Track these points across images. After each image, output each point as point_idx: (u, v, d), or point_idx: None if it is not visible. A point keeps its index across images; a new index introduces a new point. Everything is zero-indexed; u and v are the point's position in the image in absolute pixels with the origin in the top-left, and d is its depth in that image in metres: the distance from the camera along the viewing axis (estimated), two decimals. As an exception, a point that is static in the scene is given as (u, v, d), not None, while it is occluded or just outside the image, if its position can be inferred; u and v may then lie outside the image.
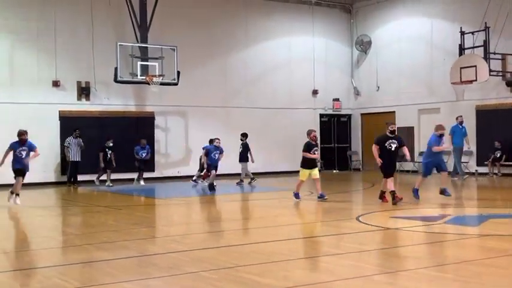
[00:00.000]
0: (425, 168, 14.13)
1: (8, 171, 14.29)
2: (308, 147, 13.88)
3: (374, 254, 8.13)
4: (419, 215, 11.81)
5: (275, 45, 24.78)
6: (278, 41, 24.85)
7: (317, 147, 14.07)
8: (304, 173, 13.96)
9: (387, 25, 25.22)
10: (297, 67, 25.15)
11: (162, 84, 20.13)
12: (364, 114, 26.32)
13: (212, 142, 18.00)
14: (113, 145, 19.45)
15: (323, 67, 25.79)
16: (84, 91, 20.88)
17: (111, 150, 19.37)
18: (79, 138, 19.51)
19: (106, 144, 19.36)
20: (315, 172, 13.94)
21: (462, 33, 20.48)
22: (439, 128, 14.01)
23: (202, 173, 19.24)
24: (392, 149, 13.12)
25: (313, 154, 13.83)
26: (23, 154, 13.85)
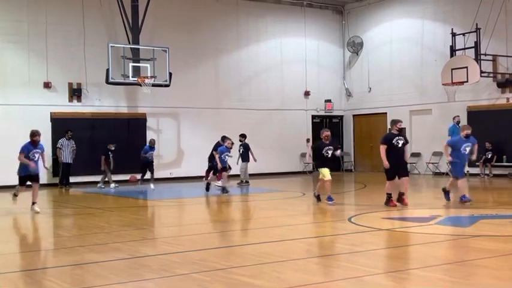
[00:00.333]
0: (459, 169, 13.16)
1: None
2: (319, 147, 13.53)
3: (366, 255, 8.14)
4: (410, 216, 11.84)
5: (267, 46, 24.81)
6: (270, 42, 24.88)
7: (331, 146, 13.54)
8: (325, 171, 13.37)
9: (379, 26, 25.30)
10: (289, 68, 25.19)
11: (154, 85, 20.10)
12: (356, 115, 26.39)
13: (224, 140, 16.95)
14: (114, 149, 19.30)
15: (315, 68, 25.84)
16: (75, 92, 20.83)
17: (112, 154, 19.22)
18: (71, 139, 19.46)
19: (108, 147, 19.20)
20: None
21: (453, 34, 20.58)
22: (465, 128, 13.14)
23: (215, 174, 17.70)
24: (399, 145, 12.65)
25: (325, 154, 13.38)
26: (36, 157, 12.76)
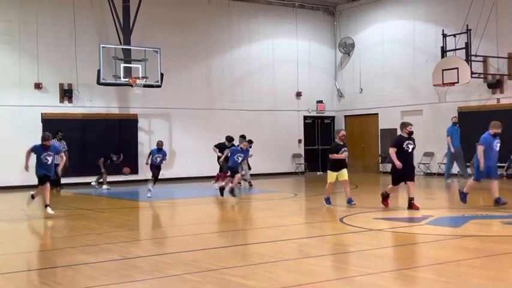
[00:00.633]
0: (480, 171, 12.46)
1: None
2: (336, 148, 13.19)
3: (357, 255, 8.17)
4: (401, 217, 11.88)
5: (259, 47, 24.80)
6: (262, 43, 24.88)
7: (346, 147, 13.24)
8: (331, 175, 13.15)
9: (370, 27, 25.36)
10: (281, 69, 25.20)
11: (146, 86, 20.04)
12: (347, 116, 26.44)
13: (231, 140, 16.25)
14: (116, 159, 19.13)
15: (307, 69, 25.87)
16: (66, 93, 20.75)
17: (113, 162, 19.08)
18: (62, 140, 19.39)
19: (111, 156, 19.00)
20: (344, 173, 13.14)
21: (444, 35, 20.65)
22: (496, 126, 12.30)
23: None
24: (409, 150, 12.30)
25: (341, 155, 13.08)
26: (49, 160, 12.76)
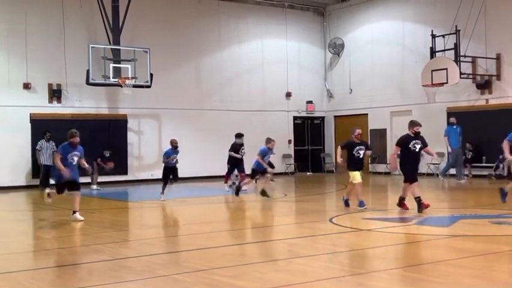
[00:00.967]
0: None
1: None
2: (351, 146, 12.69)
3: (346, 255, 8.19)
4: (390, 217, 11.91)
5: (248, 47, 24.80)
6: (251, 44, 24.88)
7: (363, 145, 12.72)
8: (355, 175, 12.55)
9: (360, 28, 25.43)
10: (271, 70, 25.21)
11: (135, 86, 20.00)
12: (337, 116, 26.48)
13: (268, 142, 15.55)
14: (109, 155, 19.42)
15: (296, 70, 25.90)
16: (55, 93, 20.65)
17: (105, 159, 19.31)
18: (51, 141, 19.30)
19: (104, 153, 19.35)
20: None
21: (433, 36, 20.75)
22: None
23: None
24: (416, 150, 11.96)
25: (357, 154, 12.59)
26: (75, 160, 11.42)
